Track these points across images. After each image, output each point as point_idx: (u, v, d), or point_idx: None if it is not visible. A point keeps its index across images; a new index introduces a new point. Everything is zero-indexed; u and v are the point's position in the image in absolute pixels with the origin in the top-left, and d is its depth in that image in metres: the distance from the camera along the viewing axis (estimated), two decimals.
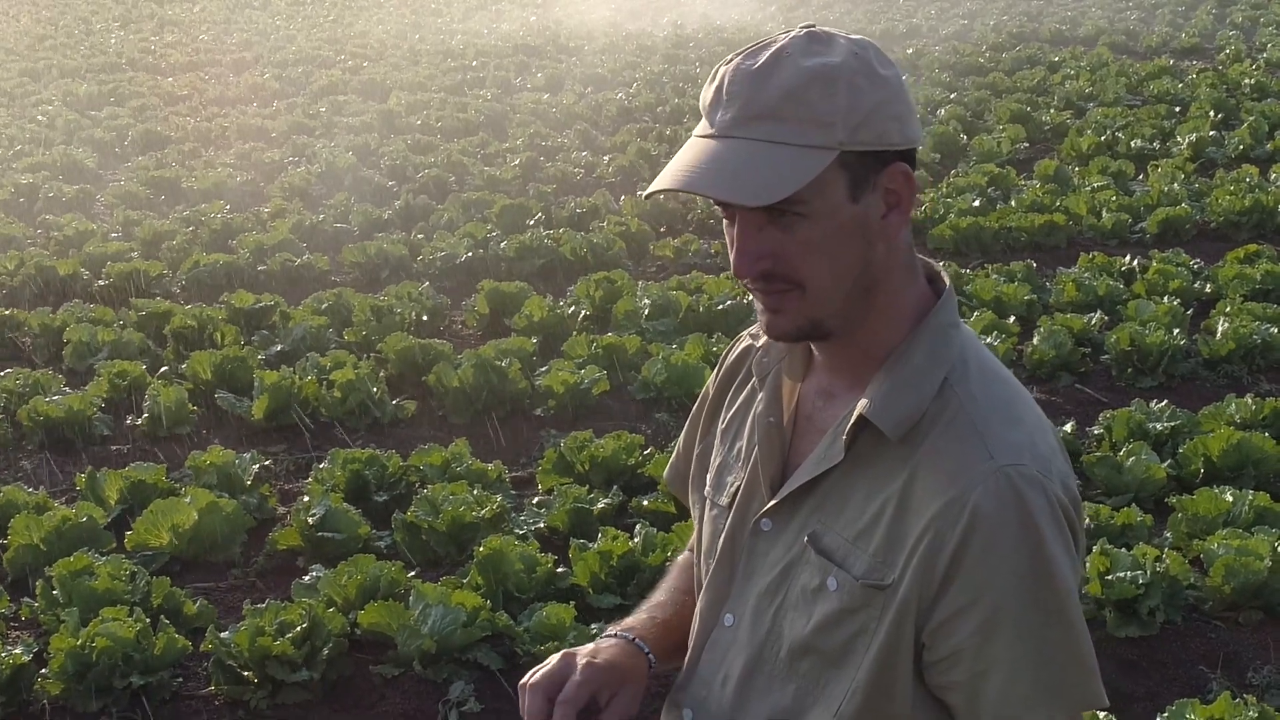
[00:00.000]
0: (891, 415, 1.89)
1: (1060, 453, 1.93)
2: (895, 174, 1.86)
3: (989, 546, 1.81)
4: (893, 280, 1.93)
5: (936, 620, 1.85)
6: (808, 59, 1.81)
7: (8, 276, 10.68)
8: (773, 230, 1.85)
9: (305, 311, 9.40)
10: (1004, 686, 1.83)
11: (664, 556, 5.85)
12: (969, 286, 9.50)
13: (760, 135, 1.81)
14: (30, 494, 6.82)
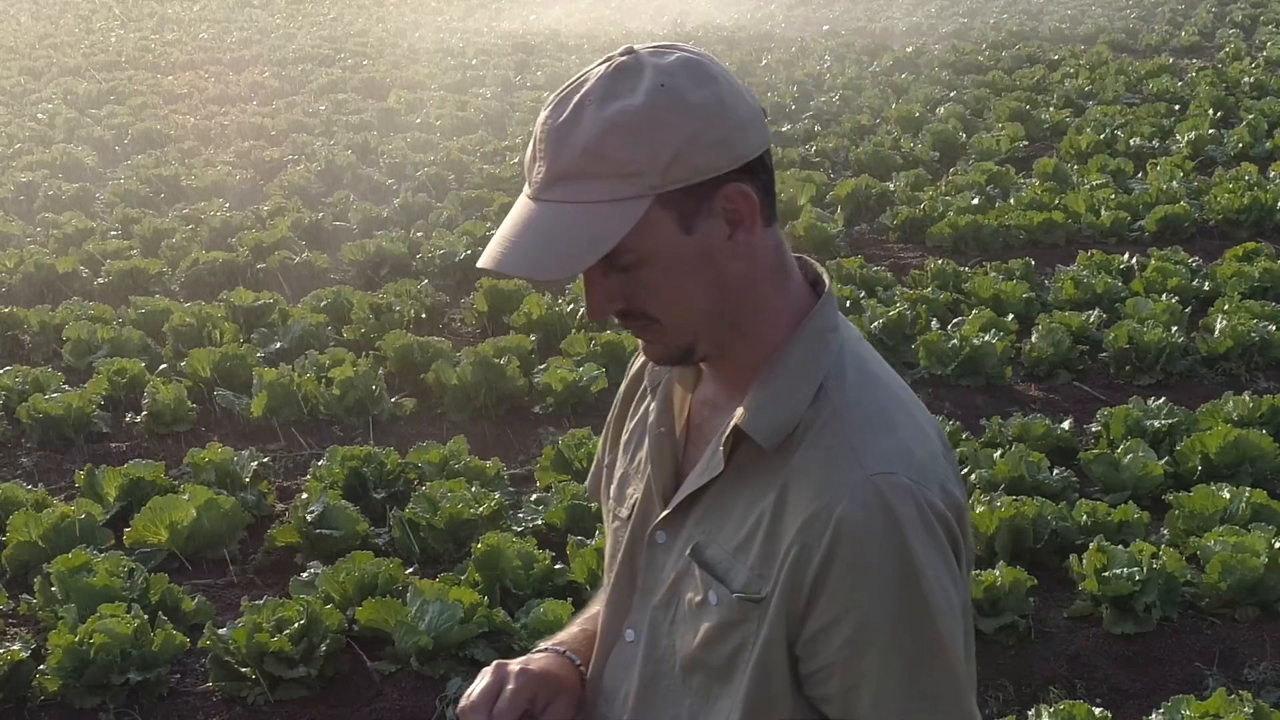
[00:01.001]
0: (764, 425, 1.86)
1: (943, 459, 1.89)
2: (730, 194, 1.81)
3: (856, 558, 1.79)
4: (759, 291, 1.89)
5: (807, 634, 1.84)
6: (606, 107, 1.76)
7: (7, 274, 10.67)
8: (616, 276, 1.83)
9: (304, 309, 9.40)
10: (874, 701, 1.82)
11: None
12: (967, 284, 9.52)
13: (568, 197, 1.78)
14: (29, 491, 6.84)
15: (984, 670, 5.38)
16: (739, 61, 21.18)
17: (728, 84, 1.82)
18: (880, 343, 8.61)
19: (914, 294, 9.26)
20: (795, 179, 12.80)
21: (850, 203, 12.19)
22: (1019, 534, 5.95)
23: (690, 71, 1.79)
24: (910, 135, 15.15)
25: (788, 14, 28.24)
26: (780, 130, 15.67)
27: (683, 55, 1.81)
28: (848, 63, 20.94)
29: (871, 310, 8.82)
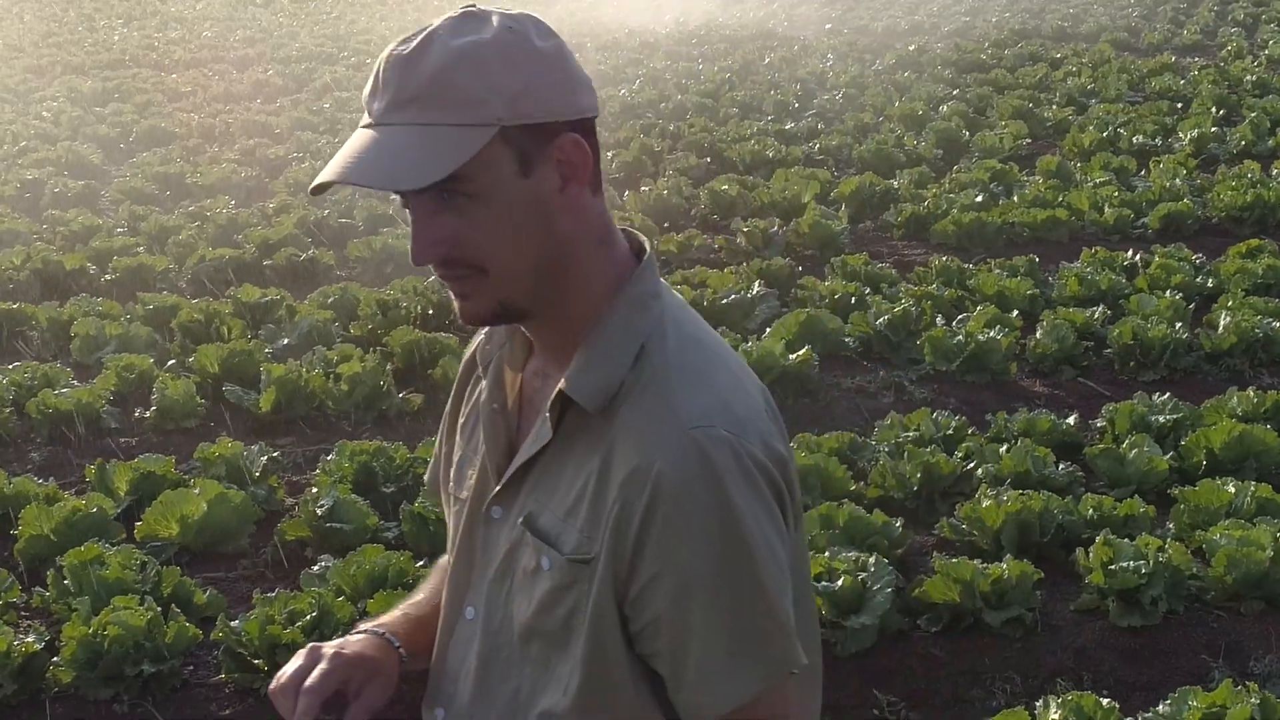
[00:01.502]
0: (587, 389, 1.88)
1: (765, 416, 1.92)
2: (565, 145, 1.84)
3: (675, 511, 1.80)
4: (584, 254, 1.91)
5: (634, 591, 1.85)
6: (456, 39, 1.79)
7: (14, 271, 10.70)
8: (447, 216, 1.83)
9: (311, 306, 9.44)
10: (701, 654, 1.83)
11: None
12: (971, 281, 9.55)
13: (414, 120, 1.79)
14: (40, 485, 6.87)
15: (991, 663, 5.44)
16: (741, 60, 21.22)
17: (566, 45, 1.88)
18: (885, 339, 8.66)
19: (919, 290, 9.29)
20: (799, 176, 12.84)
21: (854, 200, 12.22)
22: (1025, 528, 5.98)
23: (535, 23, 1.85)
24: (913, 133, 15.19)
25: (790, 13, 28.25)
26: (784, 128, 15.71)
27: (526, 13, 1.87)
28: (850, 61, 20.97)
29: (876, 306, 8.86)
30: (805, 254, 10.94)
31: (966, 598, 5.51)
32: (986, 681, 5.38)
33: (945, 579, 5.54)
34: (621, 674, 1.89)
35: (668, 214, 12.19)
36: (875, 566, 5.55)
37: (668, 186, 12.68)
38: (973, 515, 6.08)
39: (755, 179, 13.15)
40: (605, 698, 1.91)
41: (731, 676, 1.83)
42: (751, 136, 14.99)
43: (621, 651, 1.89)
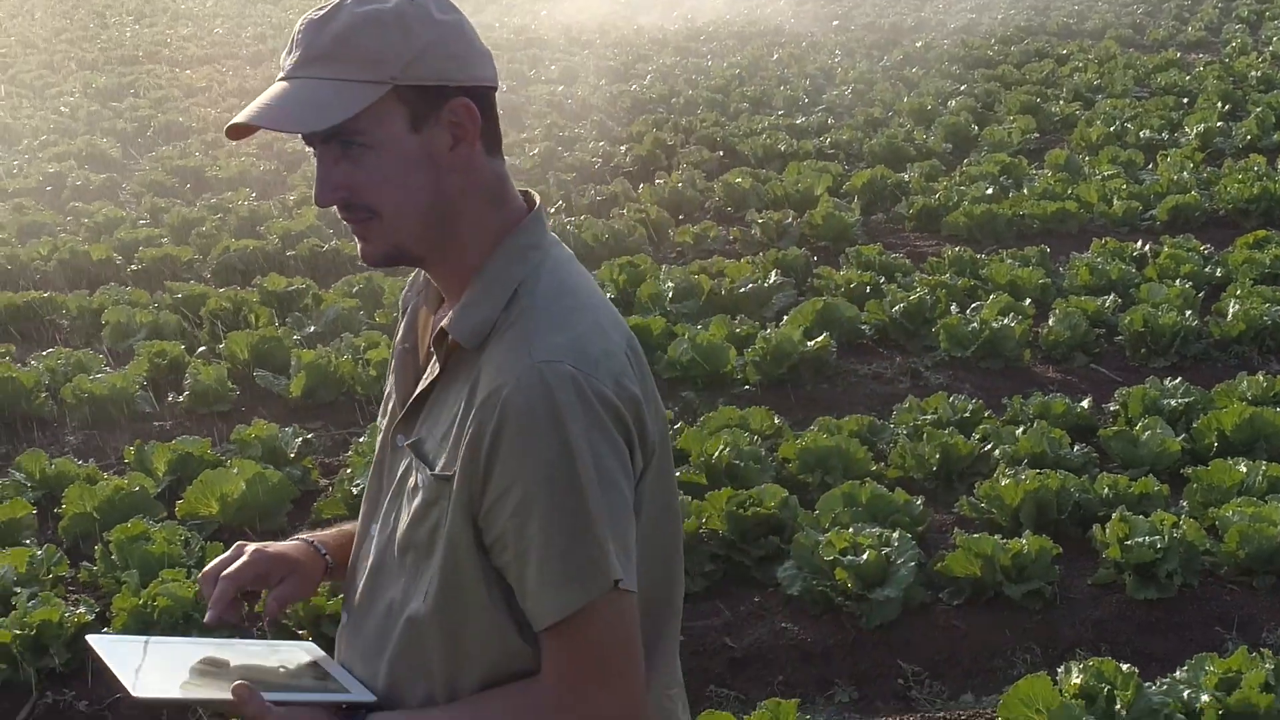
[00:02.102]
0: (464, 327, 2.07)
1: (624, 358, 2.10)
2: (456, 108, 2.04)
3: (519, 436, 1.98)
4: (473, 207, 2.10)
5: (485, 506, 2.03)
6: (361, 7, 2.01)
7: (41, 261, 10.88)
8: (346, 164, 2.04)
9: (336, 294, 9.60)
10: (539, 566, 2.00)
11: (698, 524, 6.06)
12: (984, 270, 9.71)
13: (317, 74, 2.01)
14: (80, 466, 7.04)
15: (1012, 633, 5.59)
16: (750, 56, 21.36)
17: (468, 21, 2.09)
18: (901, 326, 8.82)
19: (933, 280, 9.45)
20: (811, 170, 13.00)
21: (866, 193, 12.38)
22: (1043, 505, 6.14)
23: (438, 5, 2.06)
24: (923, 128, 15.34)
25: (797, 9, 28.36)
26: (795, 123, 15.86)
27: None
28: (858, 57, 21.13)
29: (892, 295, 9.02)
30: (819, 245, 11.08)
31: (987, 572, 5.67)
32: (1007, 652, 5.55)
33: (967, 553, 5.70)
34: (475, 582, 2.06)
35: (682, 206, 12.34)
36: (899, 541, 5.71)
37: (682, 179, 12.84)
38: (992, 493, 6.24)
39: (768, 172, 13.30)
40: (460, 603, 2.08)
41: (561, 590, 2.00)
42: (763, 131, 15.14)
43: (474, 562, 2.05)
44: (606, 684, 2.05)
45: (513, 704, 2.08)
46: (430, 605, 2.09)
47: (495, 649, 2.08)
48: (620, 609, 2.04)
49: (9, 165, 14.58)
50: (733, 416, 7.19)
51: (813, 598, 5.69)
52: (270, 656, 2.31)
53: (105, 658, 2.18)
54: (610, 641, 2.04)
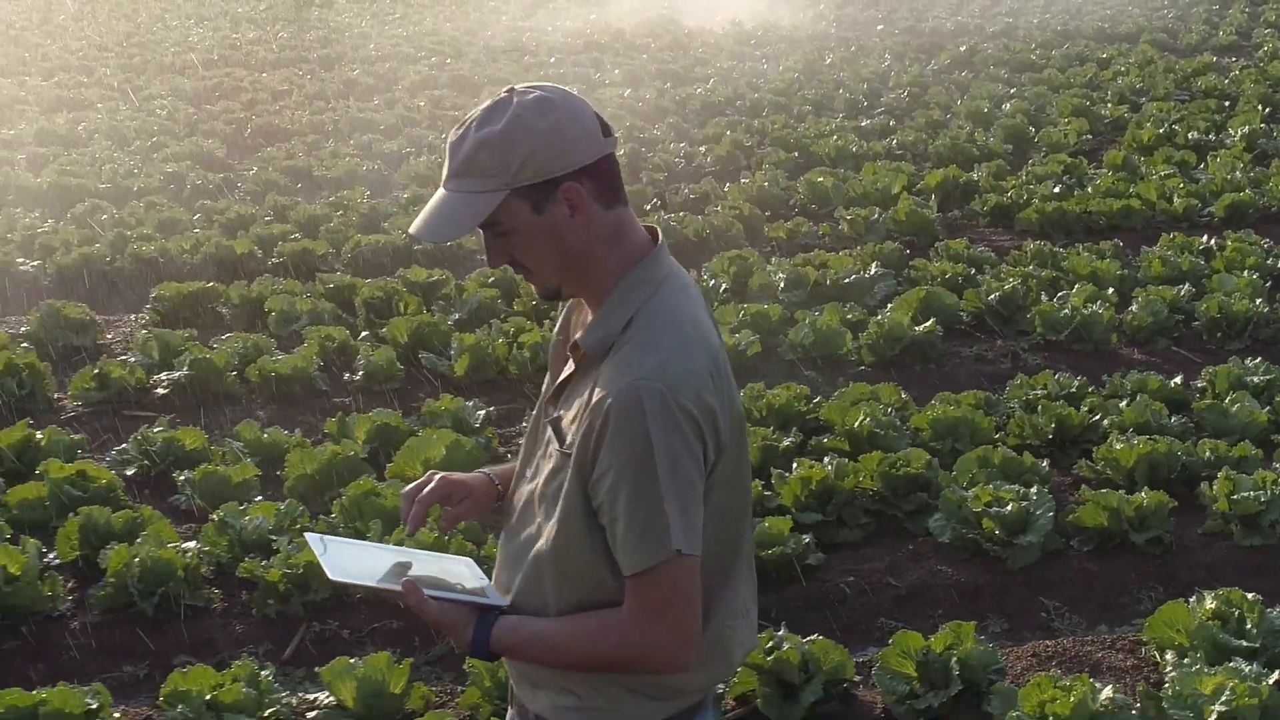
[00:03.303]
0: (590, 341, 2.74)
1: (707, 374, 2.72)
2: (567, 190, 2.68)
3: (615, 433, 2.63)
4: (597, 252, 2.75)
5: (591, 481, 2.69)
6: (480, 130, 2.67)
7: (189, 255, 11.70)
8: (499, 242, 2.74)
9: (474, 284, 10.40)
10: (624, 532, 2.66)
11: (855, 481, 6.88)
12: (1065, 263, 10.51)
13: (457, 189, 2.69)
14: (288, 436, 7.86)
15: (1137, 574, 6.41)
16: (804, 60, 22.11)
17: (567, 112, 2.70)
18: (996, 312, 9.62)
19: (1019, 271, 10.25)
20: (886, 170, 13.78)
21: (939, 191, 13.17)
22: (1155, 466, 6.94)
23: (538, 106, 2.68)
24: (982, 129, 16.12)
25: (838, 13, 29.12)
26: (860, 125, 16.64)
27: (538, 94, 2.70)
28: (907, 61, 21.89)
29: (987, 285, 9.82)
30: (902, 239, 11.87)
31: (1113, 522, 6.48)
32: (1134, 590, 6.36)
33: (1095, 506, 6.51)
34: (581, 533, 2.73)
35: (769, 203, 13.12)
36: (1036, 496, 6.53)
37: (766, 179, 13.64)
38: (1109, 456, 7.05)
39: (844, 172, 14.10)
40: (570, 547, 2.76)
41: (637, 551, 2.65)
42: (833, 133, 15.94)
43: (583, 519, 2.72)
44: (666, 623, 2.71)
45: (599, 624, 2.79)
46: (549, 546, 2.78)
47: (591, 583, 2.76)
48: (681, 570, 2.68)
49: (128, 166, 15.35)
50: (864, 392, 7.99)
51: (962, 544, 6.51)
52: (436, 565, 3.01)
53: (315, 550, 2.94)
54: (671, 593, 2.69)
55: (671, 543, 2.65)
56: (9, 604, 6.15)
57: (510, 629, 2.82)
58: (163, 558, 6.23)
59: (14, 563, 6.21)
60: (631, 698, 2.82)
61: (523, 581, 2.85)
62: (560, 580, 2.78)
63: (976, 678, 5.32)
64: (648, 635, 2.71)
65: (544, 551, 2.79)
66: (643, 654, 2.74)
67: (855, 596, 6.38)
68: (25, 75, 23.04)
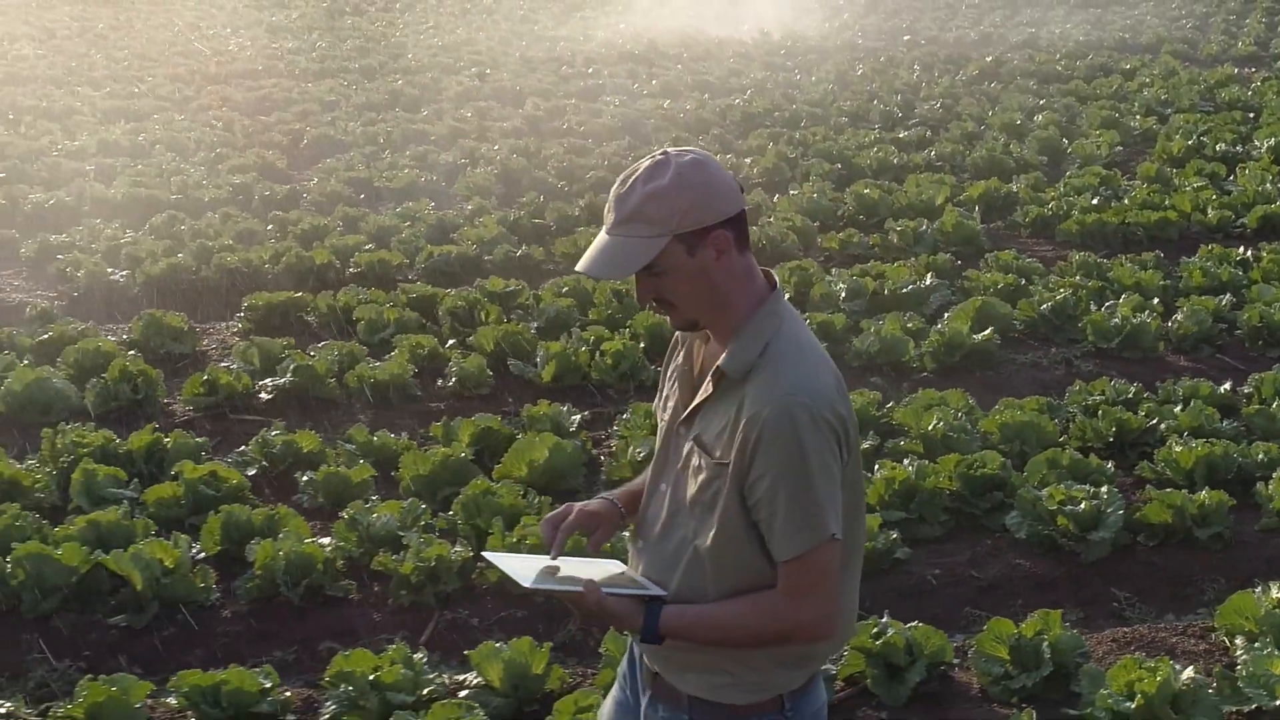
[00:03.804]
0: (733, 366, 3.16)
1: (834, 389, 3.17)
2: (715, 237, 3.13)
3: (770, 443, 3.07)
4: (733, 290, 3.18)
5: (748, 484, 3.12)
6: (647, 185, 3.11)
7: (270, 265, 12.21)
8: (652, 280, 3.17)
9: (549, 295, 10.90)
10: (782, 524, 3.10)
11: (935, 481, 7.37)
12: (1111, 273, 11.00)
13: (623, 234, 3.13)
14: (395, 439, 8.36)
15: (1200, 567, 6.91)
16: (835, 71, 22.61)
17: (715, 172, 3.15)
18: (1049, 321, 10.11)
19: (1066, 281, 10.74)
20: (929, 181, 14.29)
21: (981, 202, 13.67)
22: (1213, 467, 7.44)
23: (694, 165, 3.14)
24: (1016, 141, 16.61)
25: (861, 22, 29.61)
26: (897, 137, 17.15)
27: (692, 157, 3.15)
28: (936, 72, 22.39)
29: (1039, 295, 10.32)
30: (949, 249, 12.36)
31: (1178, 519, 6.98)
32: (1197, 581, 6.86)
33: (1160, 505, 7.01)
34: (738, 529, 3.16)
35: (818, 214, 13.61)
36: (1107, 495, 7.03)
37: (814, 190, 14.13)
38: (1169, 458, 7.55)
39: (888, 183, 14.59)
40: (729, 541, 3.19)
41: (794, 539, 3.09)
42: (873, 144, 16.44)
43: (740, 517, 3.15)
44: (813, 600, 3.17)
45: (756, 603, 3.21)
46: (709, 542, 3.20)
47: (746, 571, 3.19)
48: (829, 554, 3.14)
49: (195, 178, 15.85)
50: (934, 397, 8.49)
51: (1038, 539, 7.00)
52: (592, 569, 3.44)
53: (499, 565, 3.44)
54: (819, 574, 3.15)
55: (827, 530, 3.11)
56: (167, 594, 6.66)
57: (675, 614, 3.24)
58: (305, 551, 6.75)
59: (169, 556, 6.72)
60: (778, 668, 3.28)
61: (682, 575, 3.27)
62: (719, 571, 3.21)
63: (1065, 660, 5.82)
64: (799, 611, 3.17)
65: (703, 547, 3.21)
66: (795, 627, 3.19)
67: (941, 588, 6.88)
68: (76, 85, 23.53)
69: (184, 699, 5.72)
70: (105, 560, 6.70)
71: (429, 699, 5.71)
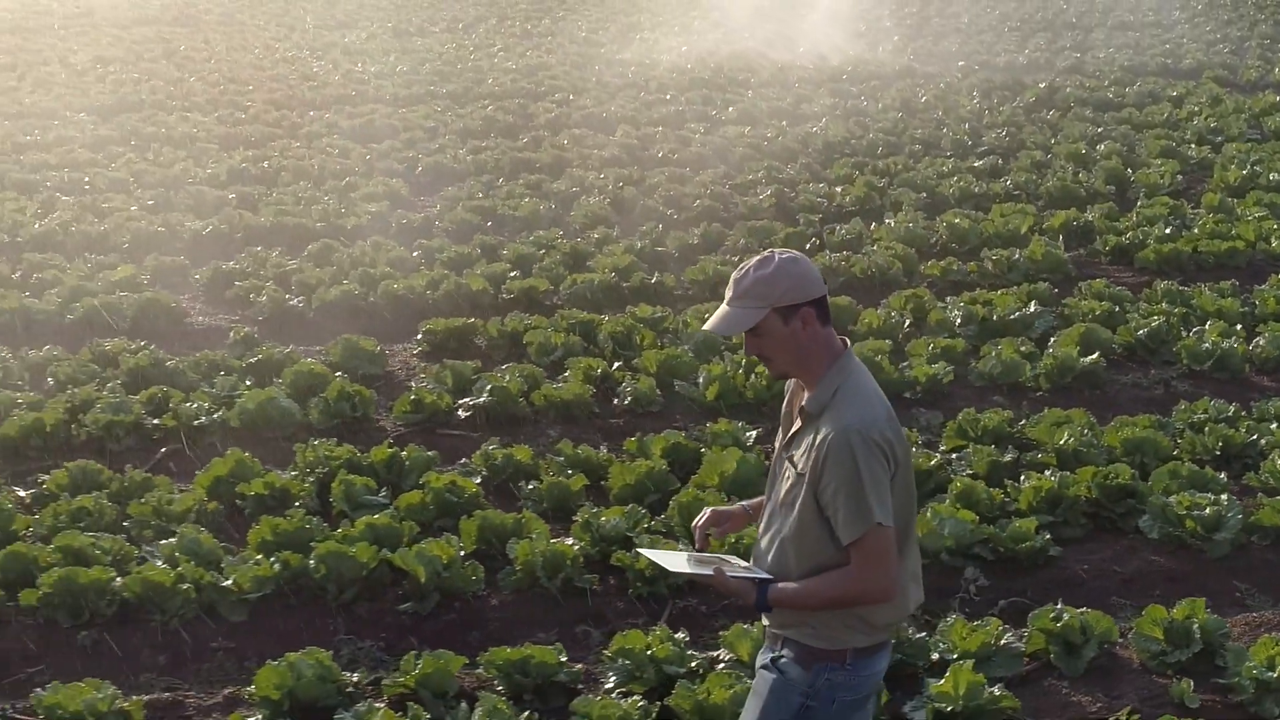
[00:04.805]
0: (812, 405, 4.41)
1: (884, 420, 4.36)
2: (804, 313, 4.37)
3: (834, 459, 4.27)
4: (814, 351, 4.41)
5: (819, 489, 4.32)
6: (756, 272, 4.36)
7: (430, 292, 13.38)
8: (756, 340, 4.42)
9: (695, 321, 12.06)
10: (843, 515, 4.29)
11: (1077, 491, 8.54)
12: (1193, 300, 12.16)
13: (738, 306, 4.37)
14: (597, 453, 9.54)
15: None
16: (899, 98, 23.65)
17: (805, 266, 4.40)
18: (1145, 345, 11.27)
19: (1154, 309, 11.90)
20: (1012, 211, 15.43)
21: (1061, 231, 14.81)
22: None
23: (791, 261, 4.40)
24: (1084, 170, 17.74)
25: (912, 45, 30.64)
26: (972, 166, 18.26)
27: (790, 255, 4.42)
28: (995, 100, 23.47)
29: (1135, 321, 11.48)
30: (1038, 277, 13.50)
31: None
32: None
33: (1272, 510, 8.18)
34: (813, 522, 4.37)
35: (914, 242, 14.72)
36: (1227, 501, 8.20)
37: (908, 219, 15.29)
38: (1274, 469, 8.71)
39: (973, 212, 15.75)
40: (806, 532, 4.40)
41: (853, 526, 4.28)
42: (952, 174, 17.60)
43: (814, 513, 4.35)
44: (875, 571, 4.35)
45: (834, 577, 4.37)
46: (792, 533, 4.43)
47: (821, 554, 4.39)
48: (882, 536, 4.31)
49: (334, 206, 16.98)
50: (1059, 415, 9.66)
51: (1168, 539, 8.18)
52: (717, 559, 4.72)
53: (651, 557, 4.80)
54: (875, 551, 4.31)
55: (874, 518, 4.28)
56: (446, 586, 7.87)
57: (778, 590, 4.46)
58: (557, 549, 7.95)
59: (445, 554, 7.92)
60: (846, 629, 4.46)
61: (774, 560, 4.52)
62: (800, 555, 4.44)
63: (1211, 640, 7.00)
64: (865, 580, 4.37)
65: (788, 538, 4.45)
66: (860, 592, 4.39)
67: (1090, 580, 8.05)
68: (184, 111, 24.65)
69: (495, 670, 6.93)
70: (392, 557, 7.92)
71: (696, 670, 6.89)
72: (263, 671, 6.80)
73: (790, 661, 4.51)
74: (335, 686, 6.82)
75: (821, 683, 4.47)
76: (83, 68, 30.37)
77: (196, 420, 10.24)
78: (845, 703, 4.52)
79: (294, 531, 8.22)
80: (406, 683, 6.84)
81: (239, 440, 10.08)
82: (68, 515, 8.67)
